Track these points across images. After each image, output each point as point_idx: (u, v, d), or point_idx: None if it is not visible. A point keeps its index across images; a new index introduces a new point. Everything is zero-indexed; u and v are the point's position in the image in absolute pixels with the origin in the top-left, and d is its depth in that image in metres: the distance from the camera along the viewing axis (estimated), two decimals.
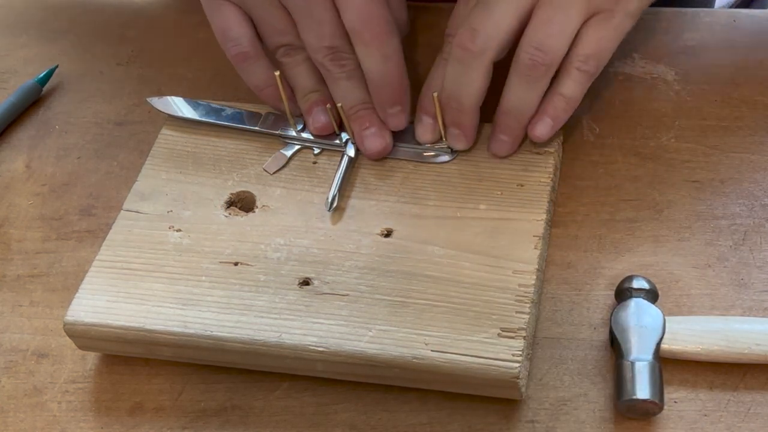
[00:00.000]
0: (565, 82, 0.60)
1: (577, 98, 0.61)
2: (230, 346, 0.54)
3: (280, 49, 0.63)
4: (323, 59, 0.61)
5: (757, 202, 0.62)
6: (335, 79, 0.62)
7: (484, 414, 0.54)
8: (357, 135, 0.62)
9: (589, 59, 0.59)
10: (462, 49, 0.58)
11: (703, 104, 0.67)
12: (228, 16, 0.63)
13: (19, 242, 0.65)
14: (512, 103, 0.60)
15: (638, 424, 0.53)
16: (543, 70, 0.58)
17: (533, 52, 0.57)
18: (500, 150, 0.61)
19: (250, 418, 0.56)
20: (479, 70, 0.59)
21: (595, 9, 0.58)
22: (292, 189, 0.62)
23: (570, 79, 0.60)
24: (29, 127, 0.72)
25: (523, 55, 0.58)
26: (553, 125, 0.60)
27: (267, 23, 0.63)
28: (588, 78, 0.60)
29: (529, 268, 0.56)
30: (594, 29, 0.59)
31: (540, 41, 0.57)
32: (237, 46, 0.63)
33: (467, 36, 0.58)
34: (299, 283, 0.56)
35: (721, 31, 0.72)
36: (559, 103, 0.60)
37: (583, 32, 0.59)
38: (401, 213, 0.60)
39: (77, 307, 0.56)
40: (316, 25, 0.60)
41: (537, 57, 0.57)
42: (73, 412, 0.57)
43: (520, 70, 0.58)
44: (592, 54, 0.59)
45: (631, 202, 0.62)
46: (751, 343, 0.54)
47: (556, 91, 0.60)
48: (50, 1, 0.81)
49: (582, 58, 0.59)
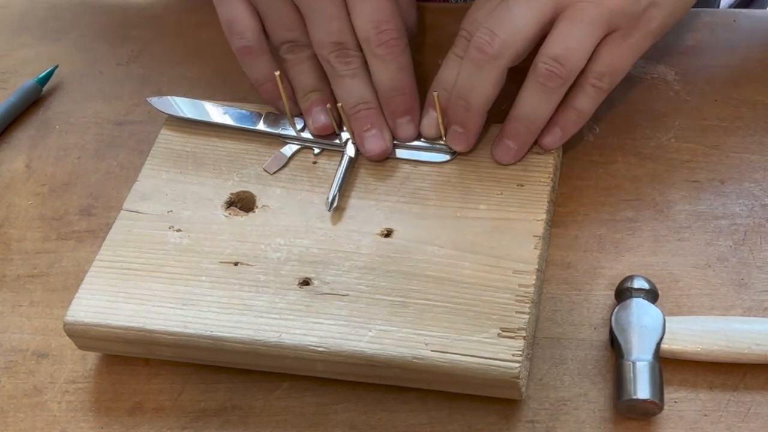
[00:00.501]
0: (578, 97, 0.60)
1: (589, 113, 0.61)
2: (230, 346, 0.54)
3: (285, 45, 0.63)
4: (328, 55, 0.61)
5: (757, 202, 0.62)
6: (339, 76, 0.62)
7: (484, 414, 0.54)
8: (357, 135, 0.62)
9: (604, 77, 0.59)
10: (479, 51, 0.58)
11: (703, 104, 0.67)
12: (236, 8, 0.63)
13: (19, 242, 0.65)
14: (525, 110, 0.60)
15: (638, 424, 0.53)
16: (560, 82, 0.58)
17: (552, 64, 0.57)
18: (504, 157, 0.61)
19: (250, 418, 0.56)
20: (493, 74, 0.58)
21: (616, 26, 0.58)
22: (292, 189, 0.62)
23: (584, 94, 0.60)
24: (29, 127, 0.72)
25: (541, 65, 0.58)
26: (562, 136, 0.61)
27: (274, 18, 0.63)
28: (602, 94, 0.60)
29: (529, 268, 0.56)
30: (611, 46, 0.59)
31: (559, 54, 0.57)
32: (242, 40, 0.63)
33: (486, 38, 0.58)
34: (299, 283, 0.56)
35: (721, 31, 0.72)
36: (570, 116, 0.61)
37: (600, 48, 0.59)
38: (401, 213, 0.60)
39: (77, 307, 0.56)
40: (324, 20, 0.61)
41: (555, 69, 0.57)
42: (73, 412, 0.57)
43: (537, 79, 0.58)
44: (607, 72, 0.59)
45: (631, 202, 0.62)
46: (751, 343, 0.54)
47: (570, 105, 0.60)
48: (50, 1, 0.81)
49: (597, 75, 0.59)
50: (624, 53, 0.59)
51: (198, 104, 0.66)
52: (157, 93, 0.70)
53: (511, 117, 0.60)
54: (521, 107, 0.60)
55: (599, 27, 0.58)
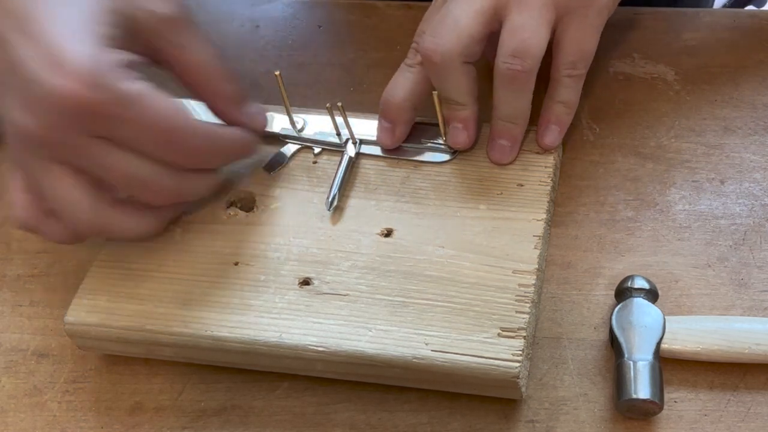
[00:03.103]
0: (560, 91, 0.61)
1: (575, 101, 0.62)
2: (230, 346, 0.54)
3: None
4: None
5: (757, 202, 0.62)
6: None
7: (484, 414, 0.55)
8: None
9: (576, 64, 0.60)
10: (427, 60, 0.59)
11: (703, 104, 0.67)
12: None
13: (19, 242, 0.65)
14: (504, 110, 0.60)
15: (638, 424, 0.53)
16: (524, 77, 0.58)
17: (512, 61, 0.58)
18: (501, 156, 0.61)
19: (250, 418, 0.56)
20: (454, 74, 0.59)
21: (565, 9, 0.59)
22: (292, 189, 0.62)
23: (563, 87, 0.61)
24: None
25: (502, 66, 0.58)
26: (560, 130, 0.62)
27: None
28: (579, 80, 0.61)
29: (529, 268, 0.56)
30: (571, 32, 0.59)
31: (516, 48, 0.57)
32: None
33: (430, 46, 0.58)
34: (299, 282, 0.56)
35: (721, 31, 0.72)
36: (559, 110, 0.62)
37: (561, 38, 0.59)
38: (401, 213, 0.60)
39: (77, 307, 0.56)
40: None
41: (516, 65, 0.57)
42: (73, 412, 0.57)
43: (503, 81, 0.59)
44: (577, 59, 0.60)
45: (631, 202, 0.62)
46: (751, 343, 0.54)
47: (555, 100, 0.61)
48: None
49: (569, 65, 0.60)
50: (586, 35, 0.60)
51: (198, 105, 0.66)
52: None
53: (496, 118, 0.61)
54: (500, 108, 0.60)
55: (547, 10, 0.58)
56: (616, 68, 0.70)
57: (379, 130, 0.63)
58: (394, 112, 0.62)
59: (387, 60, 0.69)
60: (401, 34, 0.66)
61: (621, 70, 0.70)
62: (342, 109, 0.62)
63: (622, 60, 0.71)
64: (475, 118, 0.61)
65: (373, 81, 0.71)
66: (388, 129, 0.62)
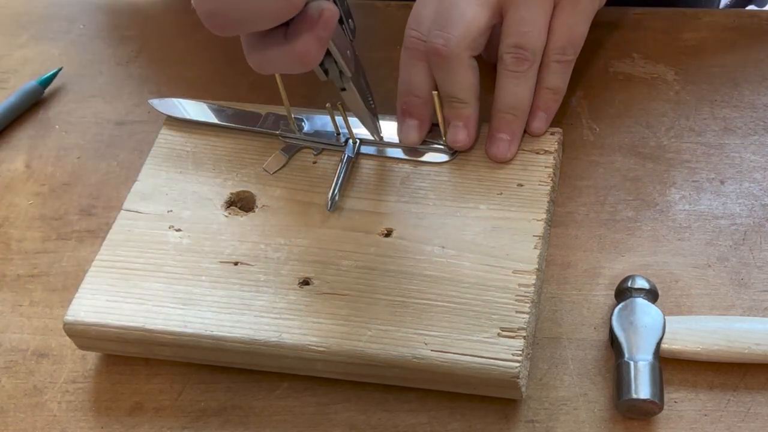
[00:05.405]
0: (548, 77, 0.62)
1: (563, 87, 0.63)
2: (230, 345, 0.54)
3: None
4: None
5: (757, 202, 0.62)
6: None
7: (484, 414, 0.54)
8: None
9: (566, 49, 0.62)
10: (436, 55, 0.60)
11: (703, 104, 0.67)
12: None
13: (19, 242, 0.65)
14: (506, 100, 0.61)
15: (638, 424, 0.53)
16: (527, 65, 0.60)
17: (516, 51, 0.60)
18: (500, 151, 0.61)
19: (250, 418, 0.56)
20: (462, 68, 0.60)
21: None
22: (292, 189, 0.62)
23: (552, 73, 0.62)
24: (29, 127, 0.72)
25: (506, 56, 0.60)
26: (547, 117, 0.63)
27: None
28: (568, 66, 0.63)
29: (529, 268, 0.56)
30: (563, 19, 0.61)
31: (518, 41, 0.60)
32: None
33: (440, 41, 0.59)
34: (299, 282, 0.56)
35: (721, 31, 0.72)
36: (547, 96, 0.63)
37: (553, 23, 0.61)
38: (401, 213, 0.60)
39: (77, 306, 0.56)
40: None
41: (519, 54, 0.60)
42: (73, 412, 0.57)
43: (507, 69, 0.61)
44: (566, 44, 0.62)
45: (631, 202, 0.62)
46: (751, 343, 0.54)
47: (543, 86, 0.62)
48: (50, 1, 0.81)
49: (559, 50, 0.62)
50: (577, 21, 0.62)
51: (198, 105, 0.66)
52: (156, 93, 0.70)
53: (496, 110, 0.62)
54: (502, 98, 0.62)
55: (547, 2, 0.60)
56: (616, 68, 0.70)
57: (404, 129, 0.63)
58: (421, 108, 0.62)
59: (387, 60, 0.69)
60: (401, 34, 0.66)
61: (621, 70, 0.70)
62: (342, 109, 0.62)
63: (622, 60, 0.71)
64: (475, 118, 0.62)
65: (374, 81, 0.71)
66: (416, 126, 0.62)
